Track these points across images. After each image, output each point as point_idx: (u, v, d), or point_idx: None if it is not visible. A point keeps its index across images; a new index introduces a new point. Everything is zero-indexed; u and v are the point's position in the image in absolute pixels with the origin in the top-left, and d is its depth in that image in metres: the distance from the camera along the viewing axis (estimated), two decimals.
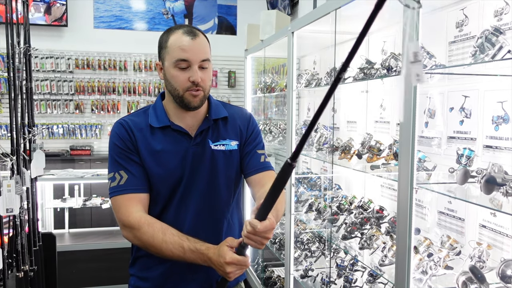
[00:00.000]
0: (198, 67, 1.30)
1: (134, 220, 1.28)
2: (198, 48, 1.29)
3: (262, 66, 3.74)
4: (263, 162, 1.43)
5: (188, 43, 1.28)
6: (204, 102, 1.37)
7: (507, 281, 1.31)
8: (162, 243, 1.24)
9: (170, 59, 1.30)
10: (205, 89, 1.34)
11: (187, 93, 1.31)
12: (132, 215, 1.28)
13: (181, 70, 1.29)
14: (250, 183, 1.43)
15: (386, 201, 2.27)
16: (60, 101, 5.28)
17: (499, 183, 1.24)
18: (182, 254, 1.23)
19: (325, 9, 2.07)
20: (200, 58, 1.29)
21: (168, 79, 1.33)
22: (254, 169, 1.41)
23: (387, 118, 2.31)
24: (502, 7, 1.54)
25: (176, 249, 1.23)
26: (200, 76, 1.30)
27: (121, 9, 5.50)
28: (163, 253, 1.26)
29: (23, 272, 1.90)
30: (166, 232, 1.26)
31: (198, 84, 1.30)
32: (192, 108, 1.34)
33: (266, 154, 1.48)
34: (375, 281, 2.03)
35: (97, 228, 3.95)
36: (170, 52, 1.30)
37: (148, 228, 1.26)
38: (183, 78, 1.30)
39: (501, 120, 1.55)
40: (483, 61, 1.31)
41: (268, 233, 1.09)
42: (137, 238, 1.29)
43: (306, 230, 2.76)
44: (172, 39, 1.30)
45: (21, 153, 1.93)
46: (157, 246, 1.25)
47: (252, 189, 1.42)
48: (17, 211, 1.71)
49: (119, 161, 1.33)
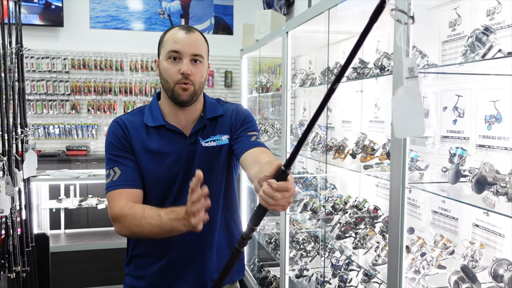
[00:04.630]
0: (190, 60, 1.31)
1: (117, 209, 1.27)
2: (190, 42, 1.31)
3: (258, 66, 3.73)
4: (254, 141, 1.36)
5: (182, 36, 1.32)
6: (196, 99, 1.37)
7: (499, 280, 1.31)
8: (142, 218, 1.22)
9: (164, 52, 1.33)
10: (195, 84, 1.33)
11: (177, 86, 1.32)
12: (117, 206, 1.28)
13: (172, 62, 1.31)
14: (244, 165, 1.33)
15: (381, 200, 2.27)
16: (56, 102, 5.26)
17: (490, 182, 1.23)
18: (159, 222, 1.19)
19: (318, 8, 2.07)
20: (191, 52, 1.31)
21: (161, 72, 1.35)
22: (245, 146, 1.35)
23: (382, 117, 2.31)
24: (494, 6, 1.54)
25: (154, 219, 1.20)
26: (191, 69, 1.31)
27: (117, 9, 5.48)
28: (144, 229, 1.23)
29: (15, 273, 1.89)
30: (145, 209, 1.25)
31: (188, 77, 1.30)
32: (182, 103, 1.34)
33: (259, 137, 1.40)
34: (369, 281, 2.03)
35: (93, 229, 3.94)
36: (164, 45, 1.34)
37: (129, 210, 1.25)
38: (174, 70, 1.31)
39: (493, 119, 1.55)
40: (473, 60, 1.31)
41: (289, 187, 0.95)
42: (123, 227, 1.27)
43: (301, 230, 2.75)
44: (168, 33, 1.35)
45: (12, 153, 1.92)
46: (138, 224, 1.23)
47: (248, 171, 1.29)
48: (8, 212, 1.70)
49: (113, 158, 1.35)
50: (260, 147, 1.34)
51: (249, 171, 1.27)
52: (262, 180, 0.99)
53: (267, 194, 0.95)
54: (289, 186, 0.94)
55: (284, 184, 0.94)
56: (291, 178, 0.95)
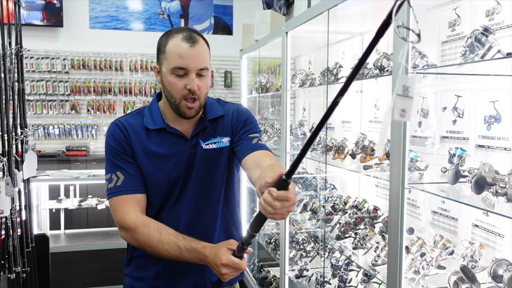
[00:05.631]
0: (196, 74, 1.27)
1: (130, 221, 1.28)
2: (196, 56, 1.26)
3: (258, 66, 3.73)
4: (255, 143, 1.34)
5: (187, 51, 1.24)
6: (200, 111, 1.36)
7: (499, 280, 1.31)
8: (158, 243, 1.24)
9: (168, 65, 1.27)
10: (201, 98, 1.31)
11: (183, 102, 1.29)
12: (128, 216, 1.28)
13: (178, 77, 1.27)
14: (246, 168, 1.31)
15: (380, 201, 2.27)
16: (56, 102, 5.26)
17: (490, 182, 1.24)
18: (178, 253, 1.23)
19: (318, 9, 2.07)
20: (198, 67, 1.26)
21: (165, 85, 1.31)
22: (246, 149, 1.33)
23: (381, 118, 2.31)
24: (494, 6, 1.54)
25: (172, 249, 1.23)
26: (197, 84, 1.27)
27: (116, 9, 5.48)
28: (159, 253, 1.26)
29: (15, 273, 1.89)
30: (162, 232, 1.25)
31: (194, 93, 1.28)
32: (186, 118, 1.34)
33: (261, 138, 1.39)
34: (369, 281, 2.03)
35: (93, 229, 3.94)
36: (168, 58, 1.27)
37: (144, 228, 1.26)
38: (180, 85, 1.27)
39: (493, 119, 1.55)
40: (473, 61, 1.31)
41: (290, 196, 0.95)
42: (134, 239, 1.29)
43: (301, 230, 2.75)
44: (171, 44, 1.27)
45: (12, 154, 1.92)
46: (153, 246, 1.25)
47: (250, 175, 1.27)
48: (8, 212, 1.70)
49: (115, 162, 1.33)
50: (261, 150, 1.32)
51: (251, 175, 1.25)
52: (263, 187, 0.98)
53: (266, 203, 0.94)
54: (289, 196, 0.93)
55: (284, 193, 0.93)
56: (292, 188, 0.94)
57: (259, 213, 0.99)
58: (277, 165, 1.17)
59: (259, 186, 1.03)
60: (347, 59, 2.57)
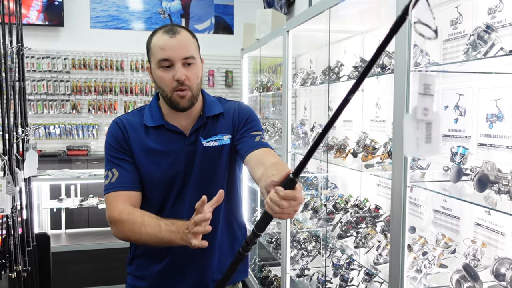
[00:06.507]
0: (182, 64, 1.27)
1: (115, 213, 1.27)
2: (178, 46, 1.27)
3: (259, 66, 3.73)
4: (258, 141, 1.34)
5: (168, 41, 1.27)
6: (195, 102, 1.35)
7: (501, 279, 1.31)
8: (141, 226, 1.22)
9: (154, 60, 1.30)
10: (192, 88, 1.30)
11: (175, 94, 1.29)
12: (116, 209, 1.28)
13: (165, 70, 1.28)
14: (249, 166, 1.31)
15: (382, 200, 2.26)
16: (57, 101, 5.27)
17: (492, 181, 1.23)
18: (158, 232, 1.20)
19: (319, 7, 2.07)
20: (181, 56, 1.27)
21: (156, 81, 1.32)
22: (249, 147, 1.32)
23: (383, 116, 2.31)
24: (496, 4, 1.53)
25: (153, 229, 1.20)
26: (185, 73, 1.27)
27: (117, 9, 5.48)
28: (141, 237, 1.23)
29: (16, 272, 1.89)
30: (145, 216, 1.25)
31: (183, 83, 1.28)
32: (181, 109, 1.33)
33: (264, 136, 1.39)
34: (371, 280, 2.03)
35: (94, 229, 3.93)
36: (153, 53, 1.30)
37: (128, 216, 1.25)
38: (168, 78, 1.28)
39: (495, 118, 1.55)
40: (475, 58, 1.30)
41: (296, 195, 0.93)
42: (121, 232, 1.27)
43: (302, 229, 2.75)
44: (154, 40, 1.30)
45: (13, 153, 1.92)
46: (136, 231, 1.23)
47: (253, 173, 1.27)
48: (9, 211, 1.70)
49: (112, 159, 1.34)
50: (264, 147, 1.32)
51: (254, 174, 1.25)
52: (269, 186, 0.97)
53: (273, 202, 0.93)
54: (297, 195, 0.92)
55: (292, 193, 0.92)
56: (299, 187, 0.94)
57: (265, 212, 0.98)
58: (280, 163, 1.16)
59: (264, 185, 1.03)
60: (348, 58, 2.57)
